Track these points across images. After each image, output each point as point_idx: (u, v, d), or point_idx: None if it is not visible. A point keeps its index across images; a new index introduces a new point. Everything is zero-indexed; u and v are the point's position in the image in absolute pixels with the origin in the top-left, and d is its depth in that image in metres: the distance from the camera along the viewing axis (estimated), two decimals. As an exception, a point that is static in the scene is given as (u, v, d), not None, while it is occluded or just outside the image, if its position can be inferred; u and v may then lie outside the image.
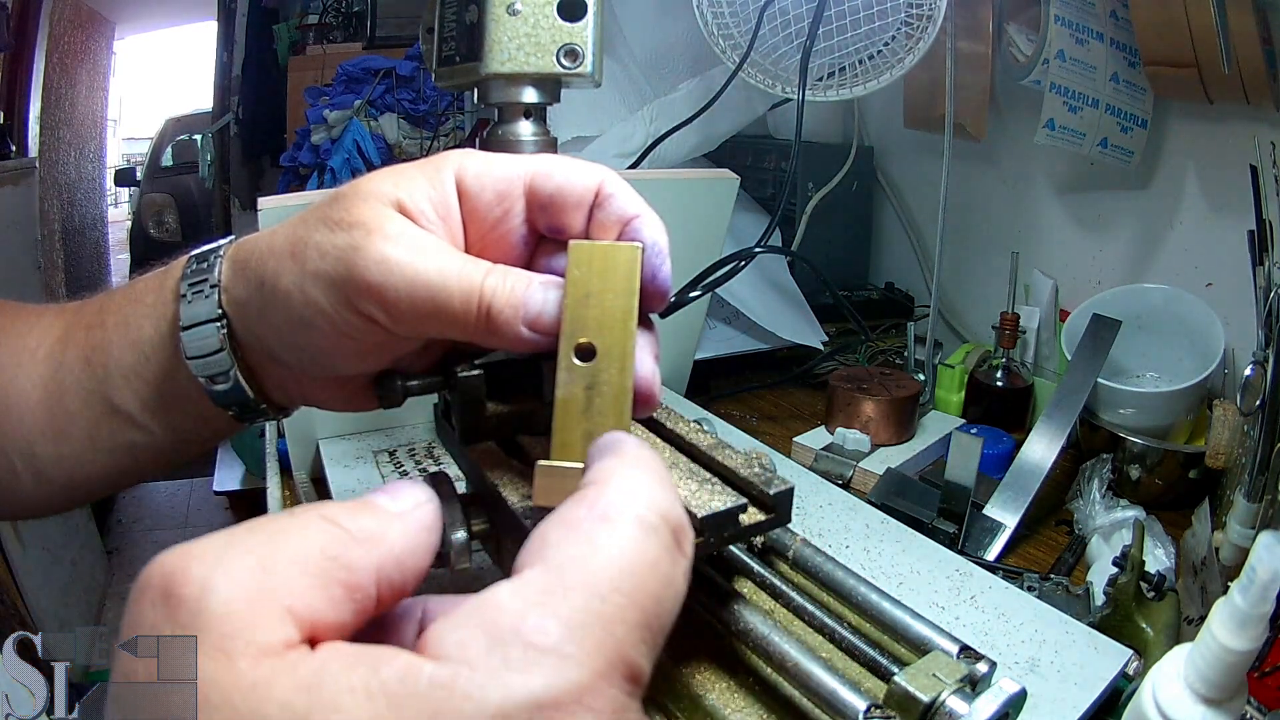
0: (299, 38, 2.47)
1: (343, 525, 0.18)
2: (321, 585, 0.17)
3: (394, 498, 0.20)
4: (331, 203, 0.28)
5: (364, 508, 0.19)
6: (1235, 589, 0.27)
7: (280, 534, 0.17)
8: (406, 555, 0.19)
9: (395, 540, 0.19)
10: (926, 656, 0.31)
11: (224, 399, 0.32)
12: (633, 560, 0.17)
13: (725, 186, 0.72)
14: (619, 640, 0.16)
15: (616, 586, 0.17)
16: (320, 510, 0.19)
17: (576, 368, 0.26)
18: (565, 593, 0.17)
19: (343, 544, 0.18)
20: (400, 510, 0.20)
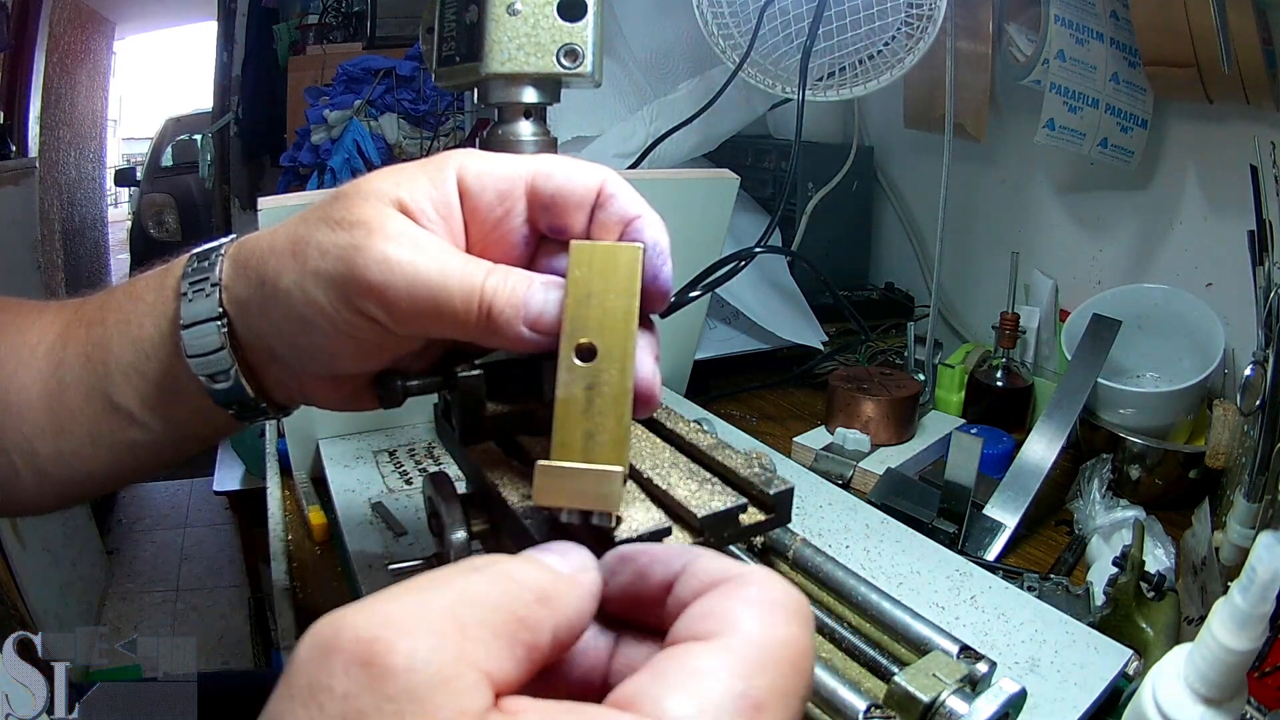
0: (299, 38, 2.47)
1: (526, 587, 0.19)
2: (509, 646, 0.18)
3: (565, 558, 0.21)
4: (332, 202, 0.28)
5: (540, 568, 0.20)
6: (1235, 589, 0.27)
7: (471, 594, 0.18)
8: (577, 618, 0.20)
9: (570, 603, 0.20)
10: (926, 656, 0.31)
11: (224, 397, 0.32)
12: (805, 644, 0.19)
13: (725, 186, 0.72)
14: (795, 710, 0.18)
15: (795, 664, 0.19)
16: (502, 567, 0.19)
17: (577, 368, 0.26)
18: (761, 668, 0.18)
19: (527, 605, 0.18)
20: (571, 573, 0.21)
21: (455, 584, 0.18)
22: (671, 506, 0.31)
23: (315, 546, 0.60)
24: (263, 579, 1.95)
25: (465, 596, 0.18)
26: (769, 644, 0.18)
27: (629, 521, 0.29)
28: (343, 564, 0.57)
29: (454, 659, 0.16)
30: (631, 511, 0.29)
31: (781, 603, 0.19)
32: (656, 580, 0.21)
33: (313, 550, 0.60)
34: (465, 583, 0.18)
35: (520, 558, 0.20)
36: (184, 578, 2.45)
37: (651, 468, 0.33)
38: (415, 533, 0.54)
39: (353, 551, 0.52)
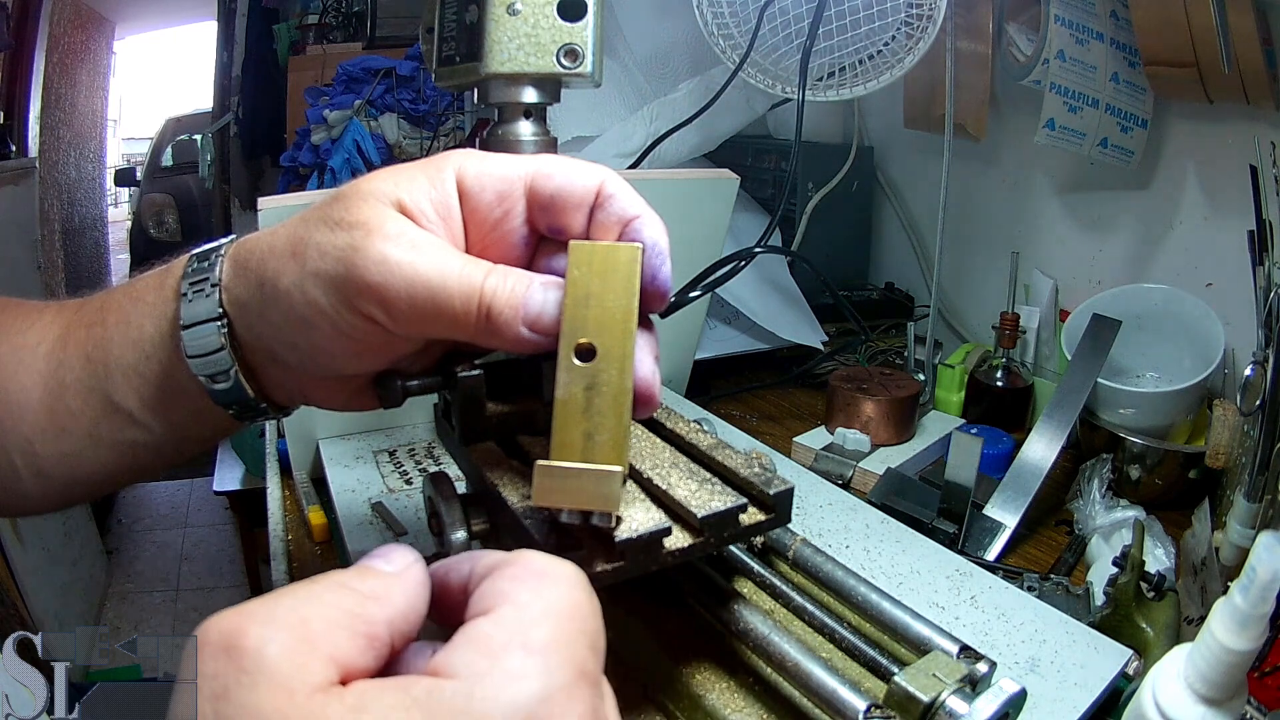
0: (299, 38, 2.47)
1: (357, 589, 0.21)
2: (350, 636, 0.20)
3: (388, 560, 0.23)
4: (332, 202, 0.28)
5: (367, 573, 0.22)
6: (1235, 589, 0.27)
7: (312, 596, 0.20)
8: (409, 608, 0.22)
9: (398, 596, 0.22)
10: (926, 656, 0.31)
11: (224, 398, 0.32)
12: (574, 599, 0.22)
13: (725, 186, 0.72)
14: (581, 655, 0.21)
15: (570, 616, 0.21)
16: (336, 578, 0.22)
17: (576, 368, 0.26)
18: (534, 622, 0.20)
19: (360, 603, 0.21)
20: (395, 570, 0.23)
21: (299, 590, 0.21)
22: (671, 506, 0.31)
23: (315, 546, 0.60)
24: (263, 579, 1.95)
25: (308, 596, 0.20)
26: (539, 603, 0.21)
27: (629, 521, 0.29)
28: (343, 564, 0.56)
29: (300, 642, 0.19)
30: (631, 511, 0.29)
31: (545, 571, 0.22)
32: (455, 584, 0.24)
33: (313, 550, 0.60)
34: (307, 589, 0.21)
35: (353, 568, 0.23)
36: (184, 578, 2.45)
37: (651, 468, 0.33)
38: (415, 533, 0.54)
39: (353, 551, 0.52)
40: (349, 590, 0.21)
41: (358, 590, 0.21)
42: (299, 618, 0.20)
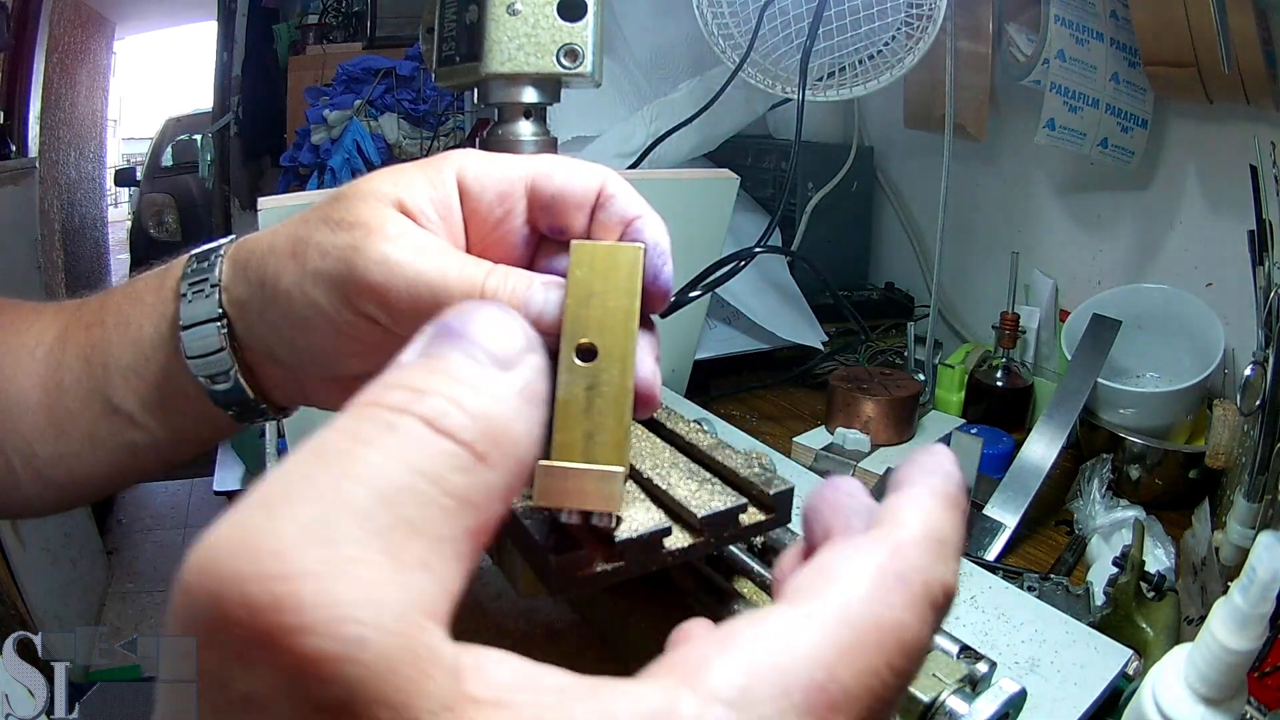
0: (299, 38, 2.47)
1: (458, 434, 0.14)
2: (453, 553, 0.13)
3: (489, 346, 0.15)
4: (332, 202, 0.28)
5: (466, 385, 0.15)
6: (1235, 589, 0.27)
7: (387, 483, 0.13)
8: (531, 448, 0.15)
9: (520, 432, 0.15)
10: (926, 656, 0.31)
11: (224, 399, 0.32)
12: (918, 637, 0.16)
13: (725, 186, 0.72)
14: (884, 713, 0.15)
15: (895, 665, 0.15)
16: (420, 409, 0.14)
17: (577, 368, 0.26)
18: (856, 653, 0.15)
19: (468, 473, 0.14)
20: (510, 376, 0.15)
21: (366, 466, 0.13)
22: (671, 506, 0.31)
23: (315, 546, 0.60)
24: (263, 579, 1.94)
25: (384, 488, 0.13)
26: (884, 627, 0.15)
27: (629, 521, 0.29)
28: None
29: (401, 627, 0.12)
30: (632, 511, 0.29)
31: (915, 579, 0.16)
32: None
33: (313, 550, 0.60)
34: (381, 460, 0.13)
35: (443, 377, 0.15)
36: (184, 578, 2.44)
37: (651, 468, 0.33)
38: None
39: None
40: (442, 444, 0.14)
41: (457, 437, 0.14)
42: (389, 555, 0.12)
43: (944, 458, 0.20)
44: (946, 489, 0.19)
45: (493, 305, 0.17)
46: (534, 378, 0.16)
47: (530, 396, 0.16)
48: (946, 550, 0.18)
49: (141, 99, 5.80)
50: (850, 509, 0.20)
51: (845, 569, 0.16)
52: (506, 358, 0.16)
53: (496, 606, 0.42)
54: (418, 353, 0.16)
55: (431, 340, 0.16)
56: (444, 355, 0.15)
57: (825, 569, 0.17)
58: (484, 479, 0.14)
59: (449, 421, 0.14)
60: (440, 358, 0.15)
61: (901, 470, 0.20)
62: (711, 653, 0.14)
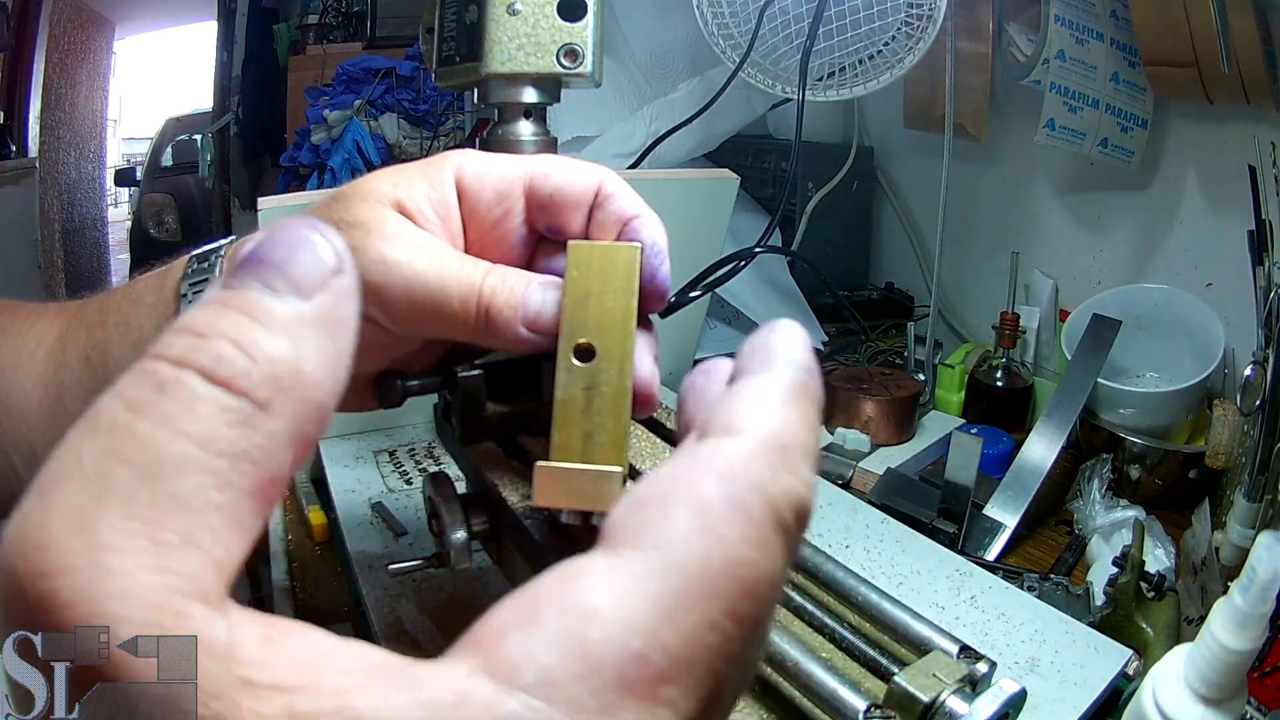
0: (299, 38, 2.47)
1: (235, 383, 0.13)
2: (231, 522, 0.13)
3: (290, 271, 0.14)
4: (330, 203, 0.28)
5: (254, 322, 0.13)
6: (1235, 589, 0.27)
7: (150, 458, 0.12)
8: (328, 385, 0.14)
9: (312, 371, 0.14)
10: (926, 656, 0.31)
11: (224, 399, 0.32)
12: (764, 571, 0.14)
13: (725, 186, 0.72)
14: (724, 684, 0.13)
15: (738, 612, 0.13)
16: (197, 360, 0.13)
17: (576, 368, 0.26)
18: (684, 609, 0.13)
19: (246, 426, 0.13)
20: (306, 305, 0.14)
21: (132, 441, 0.12)
22: (671, 507, 0.31)
23: (315, 546, 0.60)
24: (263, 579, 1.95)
25: (146, 465, 0.12)
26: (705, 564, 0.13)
27: (628, 522, 0.29)
28: (343, 564, 0.57)
29: (152, 613, 0.11)
30: (631, 512, 0.29)
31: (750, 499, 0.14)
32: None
33: (313, 550, 0.60)
34: (148, 431, 0.12)
35: (232, 316, 0.14)
36: (184, 578, 2.44)
37: (651, 468, 0.33)
38: (415, 533, 0.54)
39: (353, 551, 0.52)
40: (217, 398, 0.13)
41: (234, 386, 0.13)
42: (132, 512, 0.12)
43: (791, 338, 0.17)
44: (794, 378, 0.16)
45: (305, 223, 0.15)
46: (335, 302, 0.14)
47: (330, 324, 0.14)
48: (792, 456, 0.15)
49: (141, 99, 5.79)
50: (715, 396, 0.17)
51: (666, 502, 0.14)
52: (308, 283, 0.14)
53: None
54: (219, 286, 0.14)
55: (233, 271, 0.14)
56: (242, 288, 0.14)
57: (643, 502, 0.14)
58: (266, 429, 0.13)
59: (227, 369, 0.13)
60: (237, 290, 0.14)
61: (742, 355, 0.17)
62: (510, 624, 0.13)
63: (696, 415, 0.18)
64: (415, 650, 0.38)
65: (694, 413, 0.18)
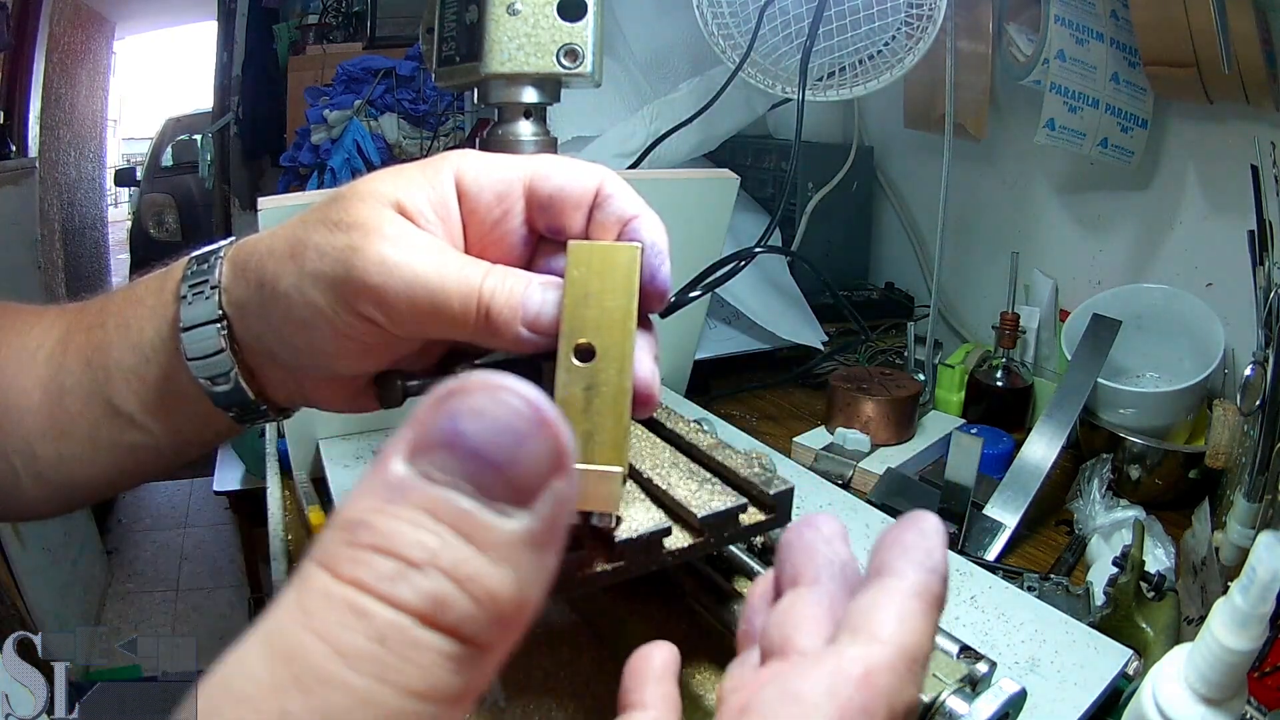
0: (299, 38, 2.47)
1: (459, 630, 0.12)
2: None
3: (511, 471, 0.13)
4: (331, 204, 0.28)
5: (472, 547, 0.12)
6: (1235, 589, 0.27)
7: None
8: (541, 597, 0.14)
9: (531, 596, 0.13)
10: (926, 657, 0.31)
11: (225, 400, 0.32)
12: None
13: (725, 186, 0.72)
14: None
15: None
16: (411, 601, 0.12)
17: (576, 368, 0.26)
18: None
19: (463, 670, 0.12)
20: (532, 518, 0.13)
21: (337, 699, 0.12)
22: (671, 506, 0.31)
23: (315, 547, 0.60)
24: (263, 579, 1.95)
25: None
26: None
27: (629, 521, 0.29)
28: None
29: None
30: (631, 511, 0.29)
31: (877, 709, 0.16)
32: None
33: (313, 550, 0.60)
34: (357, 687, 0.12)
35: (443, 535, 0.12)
36: (184, 578, 2.45)
37: (651, 468, 0.33)
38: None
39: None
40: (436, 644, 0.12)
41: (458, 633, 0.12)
42: None
43: (933, 541, 0.19)
44: (929, 586, 0.19)
45: (512, 390, 0.13)
46: (558, 510, 0.13)
47: (551, 539, 0.13)
48: (917, 667, 0.18)
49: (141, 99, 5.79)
50: (823, 558, 0.20)
51: (814, 702, 0.16)
52: (531, 487, 0.13)
53: (496, 607, 0.42)
54: (407, 461, 0.12)
55: (430, 448, 0.12)
56: (448, 488, 0.12)
57: (796, 698, 0.16)
58: (483, 667, 0.12)
59: (452, 615, 0.12)
60: (442, 492, 0.12)
61: (886, 547, 0.20)
62: None
63: (804, 572, 0.20)
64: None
65: (801, 567, 0.20)
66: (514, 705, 0.35)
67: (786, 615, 0.20)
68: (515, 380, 0.12)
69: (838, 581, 0.20)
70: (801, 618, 0.20)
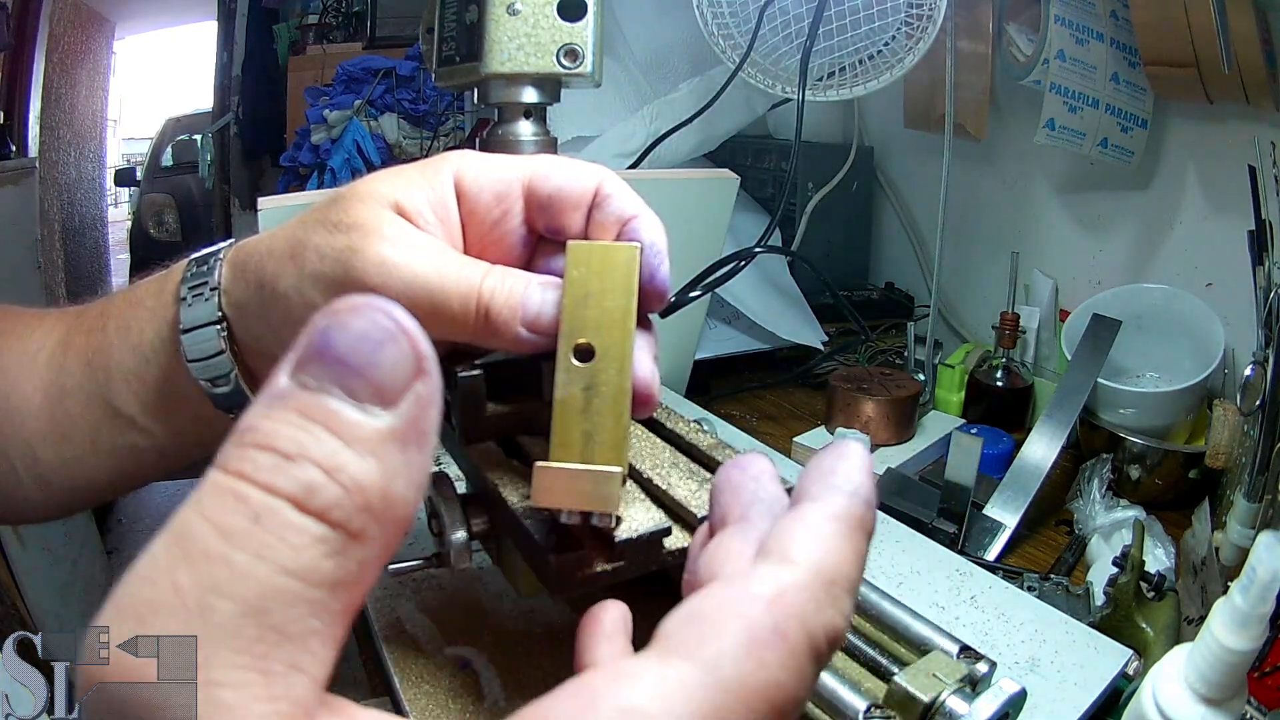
0: (299, 38, 2.47)
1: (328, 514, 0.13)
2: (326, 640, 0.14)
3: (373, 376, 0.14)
4: (330, 204, 0.28)
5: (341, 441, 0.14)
6: (1235, 589, 0.27)
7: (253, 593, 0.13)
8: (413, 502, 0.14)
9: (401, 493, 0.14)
10: (926, 656, 0.31)
11: (225, 401, 0.32)
12: (792, 693, 0.16)
13: (725, 186, 0.72)
14: None
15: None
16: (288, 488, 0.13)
17: (575, 368, 0.26)
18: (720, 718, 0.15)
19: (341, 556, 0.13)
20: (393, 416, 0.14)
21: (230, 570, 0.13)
22: (671, 506, 0.31)
23: (315, 547, 0.60)
24: (263, 579, 1.94)
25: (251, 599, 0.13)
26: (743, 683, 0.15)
27: (629, 521, 0.29)
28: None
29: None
30: (631, 511, 0.29)
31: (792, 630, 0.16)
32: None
33: (313, 550, 0.60)
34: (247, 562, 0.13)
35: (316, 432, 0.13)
36: (184, 578, 2.44)
37: (651, 468, 0.33)
38: (415, 532, 0.54)
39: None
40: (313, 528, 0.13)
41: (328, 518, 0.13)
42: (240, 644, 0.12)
43: (855, 465, 0.19)
44: (850, 509, 0.18)
45: (383, 310, 0.14)
46: (420, 412, 0.14)
47: (416, 437, 0.14)
48: (836, 590, 0.17)
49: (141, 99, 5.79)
50: (750, 495, 0.20)
51: (718, 621, 0.16)
52: (392, 388, 0.14)
53: (496, 606, 0.42)
54: (289, 376, 0.14)
55: (306, 361, 0.14)
56: (319, 393, 0.14)
57: (699, 617, 0.16)
58: (358, 556, 0.14)
59: (320, 500, 0.13)
60: (314, 396, 0.14)
61: (807, 475, 0.19)
62: (568, 716, 0.14)
63: (731, 510, 0.20)
64: (414, 649, 0.38)
65: (729, 507, 0.20)
66: (514, 705, 0.35)
67: (714, 554, 0.19)
68: (381, 300, 0.14)
69: (766, 519, 0.20)
70: (727, 553, 0.19)
